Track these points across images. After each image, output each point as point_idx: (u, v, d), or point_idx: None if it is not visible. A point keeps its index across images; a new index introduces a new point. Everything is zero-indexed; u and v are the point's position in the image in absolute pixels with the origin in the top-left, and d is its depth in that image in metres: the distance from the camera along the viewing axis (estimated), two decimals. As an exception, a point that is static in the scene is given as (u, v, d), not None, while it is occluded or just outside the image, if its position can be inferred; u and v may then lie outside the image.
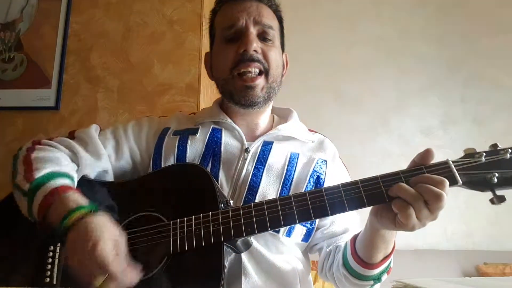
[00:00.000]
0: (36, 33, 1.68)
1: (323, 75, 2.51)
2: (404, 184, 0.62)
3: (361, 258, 0.76)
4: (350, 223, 0.90)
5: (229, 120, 0.91)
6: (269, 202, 0.68)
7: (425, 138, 2.39)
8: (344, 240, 0.87)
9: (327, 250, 0.88)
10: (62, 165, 0.78)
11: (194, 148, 0.86)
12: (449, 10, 2.53)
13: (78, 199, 0.70)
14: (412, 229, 0.63)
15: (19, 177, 0.75)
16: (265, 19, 0.88)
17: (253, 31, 0.86)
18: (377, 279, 0.79)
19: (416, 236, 2.28)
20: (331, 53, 2.53)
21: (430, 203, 0.60)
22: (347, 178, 0.93)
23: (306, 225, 0.85)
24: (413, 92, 2.48)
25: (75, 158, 0.83)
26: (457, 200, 2.22)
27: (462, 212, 2.27)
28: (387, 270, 0.79)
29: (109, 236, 0.62)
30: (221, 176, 0.83)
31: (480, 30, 2.49)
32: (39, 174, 0.73)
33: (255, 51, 0.84)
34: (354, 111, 2.47)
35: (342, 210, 0.65)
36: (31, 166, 0.75)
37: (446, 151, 2.28)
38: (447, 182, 0.61)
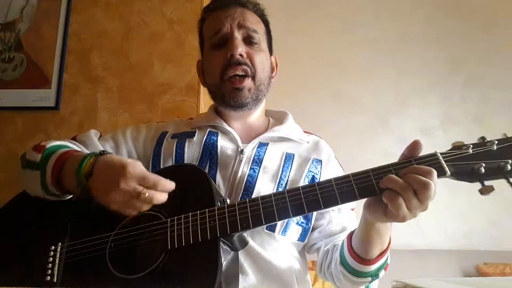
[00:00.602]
0: (36, 33, 1.68)
1: (322, 76, 2.51)
2: (393, 176, 0.64)
3: (358, 254, 0.77)
4: (347, 222, 0.91)
5: (224, 124, 0.93)
6: (264, 197, 0.70)
7: (425, 138, 2.38)
8: (341, 239, 0.87)
9: (325, 249, 0.89)
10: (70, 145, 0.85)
11: (192, 151, 0.89)
12: (449, 11, 2.53)
13: (85, 154, 0.75)
14: (403, 219, 0.63)
15: (29, 156, 0.79)
16: (250, 23, 0.91)
17: (238, 35, 0.89)
18: (375, 275, 0.79)
19: (416, 236, 2.28)
20: (331, 53, 2.53)
21: (419, 193, 0.61)
22: None
23: (302, 224, 0.87)
24: (413, 92, 2.48)
25: None
26: (457, 200, 2.22)
27: (462, 212, 2.27)
28: (384, 266, 0.80)
29: (129, 160, 0.68)
30: (218, 177, 0.85)
31: (480, 30, 2.49)
32: (49, 145, 0.80)
33: (240, 55, 0.87)
34: (354, 112, 2.47)
35: (335, 203, 0.67)
36: (40, 145, 0.81)
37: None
38: (434, 172, 0.62)
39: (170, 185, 0.68)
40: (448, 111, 2.45)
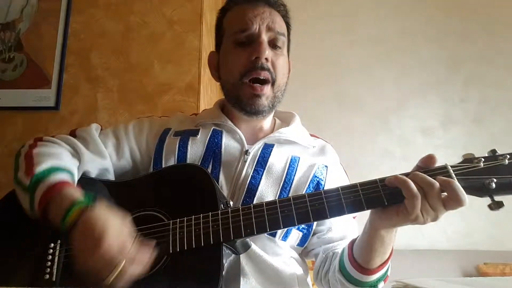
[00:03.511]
0: (36, 33, 1.68)
1: (322, 75, 2.51)
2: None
3: (358, 262, 0.76)
4: (347, 231, 0.89)
5: (230, 123, 0.90)
6: (269, 203, 0.69)
7: (425, 138, 2.39)
8: (341, 247, 0.86)
9: (323, 255, 0.88)
10: (62, 160, 0.79)
11: (195, 150, 0.86)
12: (449, 10, 2.53)
13: (74, 194, 0.70)
14: (415, 219, 0.63)
15: (20, 173, 0.76)
16: (278, 26, 0.88)
17: (265, 38, 0.86)
18: (374, 286, 0.78)
19: (416, 236, 2.28)
20: (331, 53, 2.53)
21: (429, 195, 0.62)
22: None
23: (303, 230, 0.85)
24: (413, 92, 2.48)
25: (76, 154, 0.83)
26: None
27: (462, 212, 2.27)
28: (384, 277, 0.79)
29: (112, 225, 0.63)
30: (221, 178, 0.83)
31: (480, 30, 2.49)
32: (39, 169, 0.74)
33: (266, 59, 0.84)
34: (354, 111, 2.47)
35: (341, 213, 0.66)
36: (32, 161, 0.76)
37: (446, 151, 2.28)
38: (437, 184, 0.61)
39: (150, 257, 0.64)
40: (448, 111, 2.45)
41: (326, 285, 0.87)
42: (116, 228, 0.63)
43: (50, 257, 0.71)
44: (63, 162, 0.78)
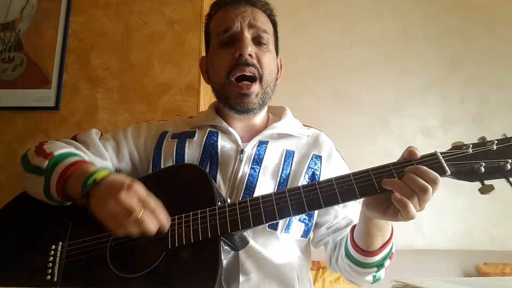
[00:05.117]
0: (36, 33, 1.68)
1: (322, 76, 2.51)
2: (399, 181, 0.64)
3: (360, 247, 0.79)
4: (353, 216, 0.91)
5: (224, 124, 0.92)
6: (265, 197, 0.70)
7: (425, 138, 2.39)
8: (348, 232, 0.88)
9: (333, 243, 0.91)
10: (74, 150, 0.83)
11: (192, 151, 0.88)
12: (449, 10, 2.53)
13: (98, 166, 0.75)
14: (403, 220, 0.65)
15: (34, 161, 0.79)
16: (260, 23, 0.89)
17: (247, 35, 0.87)
18: (380, 265, 0.81)
19: (416, 236, 2.29)
20: (331, 53, 2.54)
21: (420, 198, 0.63)
22: (346, 171, 0.92)
23: (304, 221, 0.87)
24: (413, 92, 2.49)
25: None
26: (457, 200, 2.22)
27: (462, 212, 2.27)
28: (389, 255, 0.81)
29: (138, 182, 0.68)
30: (219, 178, 0.85)
31: (480, 30, 2.50)
32: (57, 152, 0.78)
33: (249, 55, 0.86)
34: (354, 112, 2.47)
35: (335, 202, 0.67)
36: (46, 151, 0.80)
37: (446, 151, 2.27)
38: (439, 180, 0.63)
39: (166, 221, 0.68)
40: (448, 111, 2.45)
41: (339, 270, 0.91)
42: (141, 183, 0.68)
43: (51, 258, 0.71)
44: (79, 151, 0.84)
